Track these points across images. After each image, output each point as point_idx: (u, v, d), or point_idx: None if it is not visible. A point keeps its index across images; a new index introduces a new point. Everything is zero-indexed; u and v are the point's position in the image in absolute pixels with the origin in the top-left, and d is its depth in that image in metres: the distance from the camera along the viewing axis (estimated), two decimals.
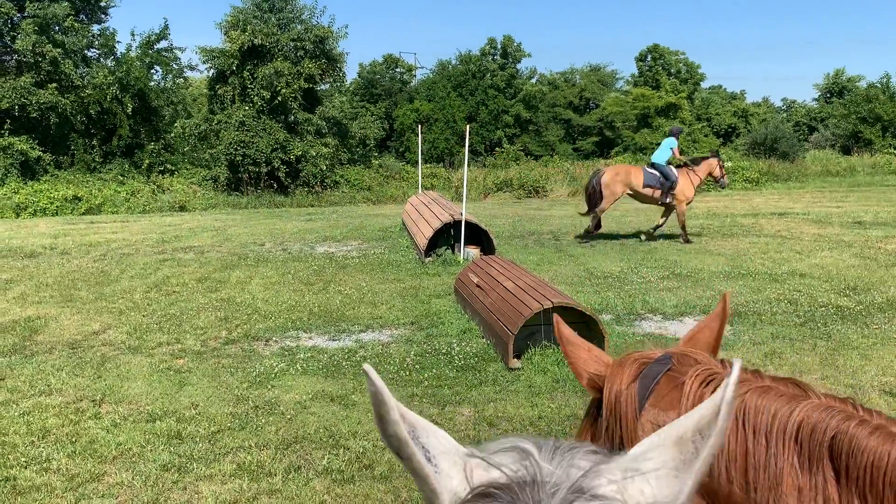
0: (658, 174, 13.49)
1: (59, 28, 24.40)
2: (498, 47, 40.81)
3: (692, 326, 1.92)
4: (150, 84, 26.44)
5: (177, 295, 9.55)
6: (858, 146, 35.65)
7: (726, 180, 14.40)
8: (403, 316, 8.32)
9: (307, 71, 24.58)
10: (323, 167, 24.49)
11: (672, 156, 13.65)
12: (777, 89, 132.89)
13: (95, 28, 26.69)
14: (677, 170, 13.57)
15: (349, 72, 48.36)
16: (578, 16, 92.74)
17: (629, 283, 9.82)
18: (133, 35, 31.41)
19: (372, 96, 40.28)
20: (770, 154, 31.32)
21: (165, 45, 27.32)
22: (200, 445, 4.91)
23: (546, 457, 0.69)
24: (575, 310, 6.67)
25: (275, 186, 24.33)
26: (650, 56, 41.48)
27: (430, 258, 11.47)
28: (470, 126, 14.48)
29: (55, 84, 23.55)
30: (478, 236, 11.79)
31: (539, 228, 15.68)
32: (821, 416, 1.43)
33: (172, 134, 25.62)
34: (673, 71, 41.18)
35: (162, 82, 27.73)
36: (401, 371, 6.41)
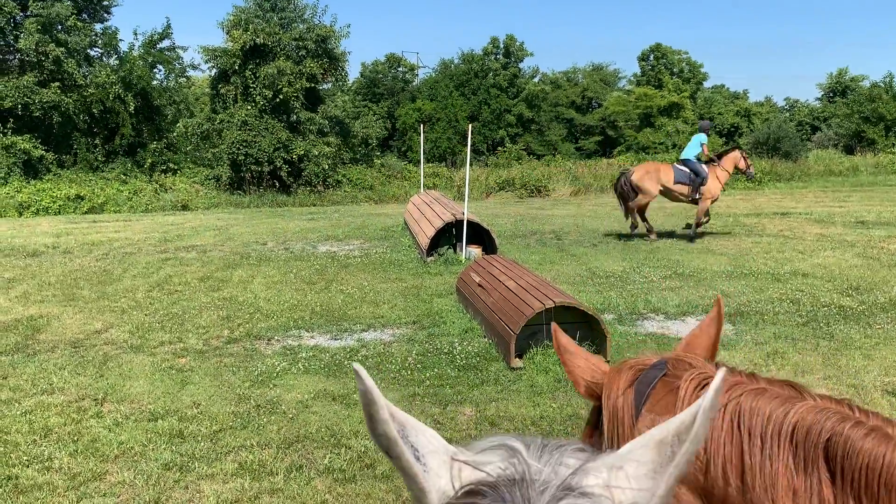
0: (688, 170, 13.48)
1: (62, 27, 24.42)
2: (500, 46, 40.79)
3: (692, 328, 1.92)
4: (153, 83, 26.48)
5: (179, 294, 9.56)
6: (861, 146, 35.58)
7: (753, 170, 14.46)
8: (405, 315, 8.32)
9: (309, 70, 24.58)
10: (325, 166, 24.49)
11: (701, 151, 13.66)
12: (780, 89, 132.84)
13: (98, 27, 26.74)
14: (706, 166, 13.59)
15: (351, 71, 48.40)
16: (581, 15, 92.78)
17: (631, 283, 9.81)
18: (136, 34, 31.53)
19: (374, 95, 40.26)
20: (773, 154, 31.24)
21: (168, 45, 27.39)
22: (202, 444, 4.92)
23: (534, 455, 0.69)
24: (577, 309, 6.67)
25: (277, 186, 24.35)
26: (653, 55, 41.44)
27: (432, 257, 11.46)
28: (472, 125, 14.48)
29: (58, 83, 23.58)
30: (480, 236, 11.79)
31: (541, 228, 15.67)
32: (816, 418, 1.42)
33: (175, 133, 25.65)
34: (675, 70, 41.13)
35: (164, 81, 27.78)
36: (402, 370, 6.41)
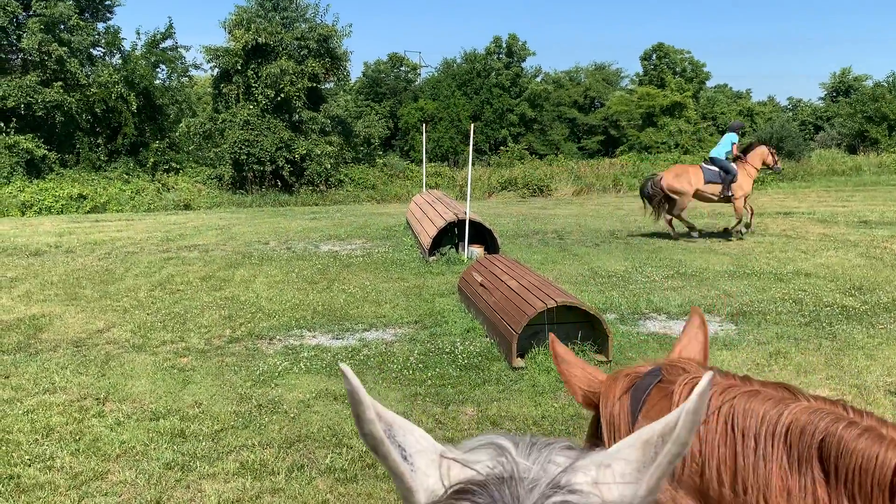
0: (717, 169, 13.52)
1: (65, 27, 24.45)
2: (503, 46, 40.77)
3: (681, 337, 1.94)
4: (155, 83, 26.50)
5: (181, 293, 9.56)
6: (864, 145, 35.49)
7: (780, 166, 14.50)
8: (407, 315, 8.32)
9: (311, 70, 24.60)
10: (327, 166, 24.50)
11: (731, 150, 13.68)
12: (783, 88, 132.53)
13: (100, 26, 26.77)
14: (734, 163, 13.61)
15: (354, 70, 48.46)
16: (583, 14, 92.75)
17: (633, 283, 9.80)
18: (138, 34, 31.55)
19: (376, 95, 40.27)
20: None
21: (170, 45, 27.42)
22: (204, 444, 4.92)
23: (523, 453, 0.70)
24: (579, 309, 6.66)
25: (279, 185, 24.36)
26: (655, 55, 41.39)
27: (434, 257, 11.46)
28: (474, 125, 14.46)
29: (61, 83, 23.61)
30: (482, 235, 11.78)
31: (543, 227, 15.66)
32: (810, 418, 1.43)
33: (177, 133, 25.68)
34: (678, 70, 41.08)
35: (167, 81, 27.81)
36: (404, 370, 6.40)
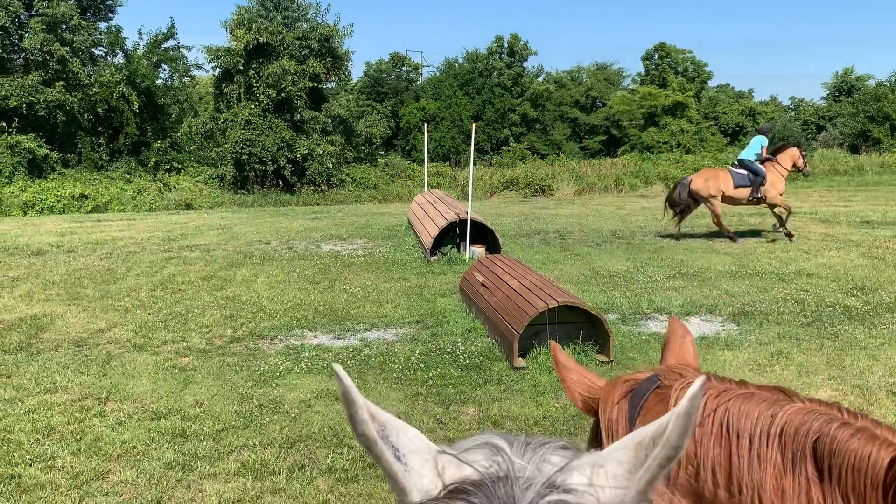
0: (746, 172, 13.51)
1: (67, 26, 24.47)
2: (505, 46, 40.73)
3: (672, 346, 1.95)
4: (157, 82, 26.51)
5: (182, 293, 9.57)
6: (867, 145, 35.43)
7: (809, 168, 14.52)
8: (408, 315, 8.32)
9: (313, 69, 24.59)
10: (329, 165, 24.50)
11: (760, 153, 13.67)
12: (785, 88, 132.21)
13: (102, 26, 26.78)
14: (763, 165, 13.60)
15: (355, 70, 48.39)
16: (585, 14, 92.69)
17: (635, 283, 9.79)
18: (140, 34, 31.56)
19: (378, 95, 40.26)
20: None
21: (172, 45, 27.42)
22: (205, 444, 4.92)
23: (518, 452, 0.70)
24: (580, 309, 6.65)
25: (281, 185, 24.36)
26: (657, 54, 41.32)
27: (436, 257, 11.45)
28: (476, 124, 14.45)
29: (62, 82, 23.62)
30: (483, 235, 11.78)
31: (545, 227, 15.65)
32: (804, 419, 1.44)
33: (179, 132, 25.68)
34: (680, 69, 41.01)
35: (168, 81, 27.81)
36: (405, 370, 6.40)
